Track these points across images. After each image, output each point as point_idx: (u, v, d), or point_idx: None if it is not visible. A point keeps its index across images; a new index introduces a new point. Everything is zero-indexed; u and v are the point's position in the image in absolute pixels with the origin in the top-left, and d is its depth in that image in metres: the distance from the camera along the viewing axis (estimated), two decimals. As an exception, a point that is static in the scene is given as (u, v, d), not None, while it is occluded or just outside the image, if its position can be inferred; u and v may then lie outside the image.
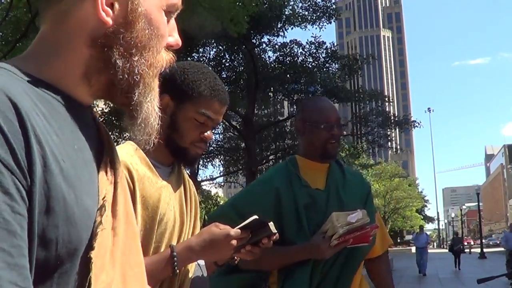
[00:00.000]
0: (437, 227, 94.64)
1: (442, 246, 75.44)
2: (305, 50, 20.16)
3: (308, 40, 20.18)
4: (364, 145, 23.33)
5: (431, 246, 68.13)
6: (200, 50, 19.06)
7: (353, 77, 22.25)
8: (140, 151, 1.43)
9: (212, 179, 26.78)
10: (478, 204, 39.21)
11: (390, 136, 24.30)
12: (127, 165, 1.35)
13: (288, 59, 20.16)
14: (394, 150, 25.02)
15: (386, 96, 24.88)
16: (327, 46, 20.23)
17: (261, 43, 19.89)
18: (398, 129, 23.54)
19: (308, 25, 19.54)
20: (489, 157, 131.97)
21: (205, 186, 29.81)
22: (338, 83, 20.64)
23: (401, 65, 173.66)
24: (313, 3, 19.56)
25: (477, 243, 42.36)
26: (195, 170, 20.34)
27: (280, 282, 1.97)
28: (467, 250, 43.12)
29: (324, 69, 20.27)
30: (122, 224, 0.79)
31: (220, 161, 25.42)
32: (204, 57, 19.28)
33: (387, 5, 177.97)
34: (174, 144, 1.47)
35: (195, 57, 18.10)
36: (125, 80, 0.76)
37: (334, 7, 20.21)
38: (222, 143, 24.45)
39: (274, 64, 20.38)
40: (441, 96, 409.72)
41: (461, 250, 21.97)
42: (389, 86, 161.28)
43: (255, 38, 19.31)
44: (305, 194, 2.01)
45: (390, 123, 22.47)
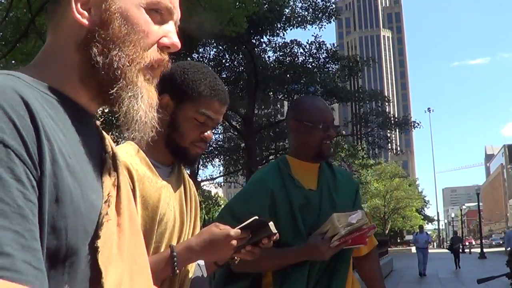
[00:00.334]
0: (437, 227, 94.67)
1: (442, 246, 75.46)
2: (305, 51, 20.18)
3: (308, 41, 20.22)
4: (364, 146, 23.35)
5: (431, 246, 68.12)
6: (200, 50, 19.08)
7: (353, 78, 22.26)
8: (140, 151, 1.43)
9: (212, 179, 26.80)
10: (478, 204, 39.22)
11: (390, 138, 24.30)
12: (127, 165, 1.35)
13: (288, 59, 20.17)
14: (394, 152, 25.01)
15: (386, 96, 24.87)
16: (327, 47, 20.26)
17: (261, 43, 19.90)
18: (398, 130, 23.54)
19: (308, 25, 19.56)
20: (489, 157, 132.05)
21: (205, 186, 29.83)
22: (338, 83, 20.65)
23: (401, 65, 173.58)
24: (313, 3, 19.57)
25: (478, 243, 42.34)
26: (195, 170, 20.36)
27: (277, 284, 1.96)
28: (467, 250, 43.18)
29: (324, 70, 20.28)
30: (127, 222, 0.83)
31: (220, 161, 25.44)
32: (204, 57, 19.30)
33: (387, 5, 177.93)
34: (174, 144, 1.46)
35: (195, 57, 18.10)
36: (106, 75, 0.79)
37: (334, 7, 20.23)
38: (222, 143, 24.48)
39: (274, 64, 20.39)
40: (441, 96, 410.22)
41: (460, 250, 21.94)
42: (389, 86, 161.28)
43: (255, 38, 19.32)
44: (300, 195, 2.00)
45: (390, 124, 22.48)
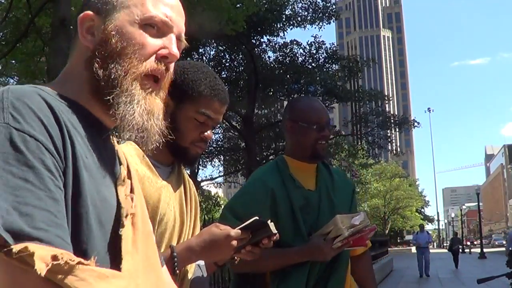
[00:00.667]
0: (437, 227, 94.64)
1: (442, 246, 75.46)
2: (305, 51, 20.18)
3: (308, 41, 20.23)
4: (364, 145, 23.36)
5: (431, 246, 68.10)
6: (200, 50, 19.08)
7: (353, 78, 22.27)
8: (140, 151, 1.43)
9: (212, 179, 26.81)
10: (478, 204, 39.21)
11: (390, 138, 24.32)
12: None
13: (288, 59, 20.17)
14: (394, 153, 25.03)
15: (386, 95, 24.89)
16: (327, 47, 20.26)
17: (261, 43, 19.91)
18: (398, 130, 23.55)
19: (308, 25, 19.56)
20: (489, 157, 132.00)
21: (205, 186, 29.84)
22: (338, 83, 20.65)
23: (401, 65, 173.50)
24: (313, 3, 19.58)
25: (479, 243, 42.35)
26: (195, 170, 20.36)
27: (275, 284, 1.96)
28: (467, 250, 43.18)
29: (324, 70, 20.28)
30: (140, 223, 0.92)
31: (220, 161, 25.44)
32: (204, 57, 19.30)
33: (387, 5, 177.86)
34: (174, 144, 1.46)
35: (195, 57, 18.10)
36: (105, 85, 0.88)
37: (334, 7, 20.24)
38: (222, 143, 24.47)
39: (274, 64, 20.40)
40: (441, 96, 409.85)
41: (460, 250, 21.93)
42: (389, 86, 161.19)
43: (255, 38, 19.32)
44: (300, 195, 2.00)
45: (390, 124, 22.49)
